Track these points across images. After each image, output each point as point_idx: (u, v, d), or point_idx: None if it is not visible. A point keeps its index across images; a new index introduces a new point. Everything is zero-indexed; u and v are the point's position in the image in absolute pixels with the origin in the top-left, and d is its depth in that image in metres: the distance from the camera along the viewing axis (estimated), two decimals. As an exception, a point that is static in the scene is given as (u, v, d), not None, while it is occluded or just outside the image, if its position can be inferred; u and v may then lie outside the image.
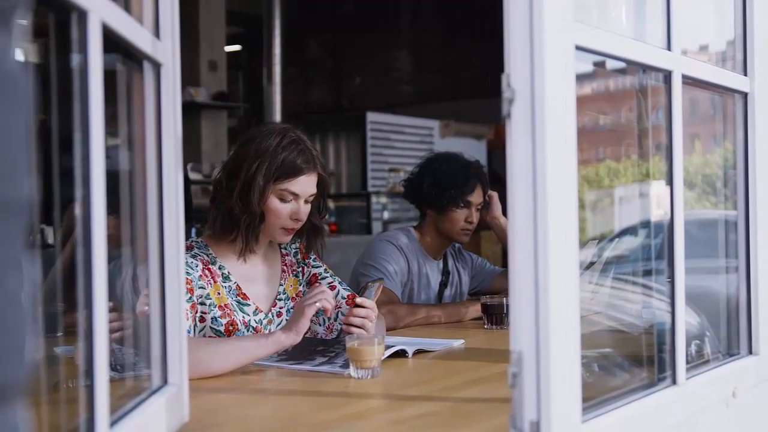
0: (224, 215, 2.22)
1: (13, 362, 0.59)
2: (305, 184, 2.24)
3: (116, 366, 1.39)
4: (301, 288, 2.40)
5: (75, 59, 1.02)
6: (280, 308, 2.34)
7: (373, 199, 7.64)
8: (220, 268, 2.24)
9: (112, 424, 1.09)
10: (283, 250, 2.43)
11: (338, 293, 2.37)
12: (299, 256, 2.44)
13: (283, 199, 2.21)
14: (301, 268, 2.43)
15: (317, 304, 2.03)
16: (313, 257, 2.46)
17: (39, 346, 0.64)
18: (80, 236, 1.01)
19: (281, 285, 2.37)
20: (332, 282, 2.42)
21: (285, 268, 2.40)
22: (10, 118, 0.59)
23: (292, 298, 2.37)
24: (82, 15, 1.00)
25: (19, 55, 0.62)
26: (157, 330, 1.37)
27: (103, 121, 1.03)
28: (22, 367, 0.60)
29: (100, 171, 1.02)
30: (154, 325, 1.37)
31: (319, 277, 2.43)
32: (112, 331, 1.60)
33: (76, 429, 1.02)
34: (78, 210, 1.02)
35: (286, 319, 2.31)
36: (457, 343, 2.38)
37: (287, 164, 2.19)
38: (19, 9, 0.61)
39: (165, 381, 1.37)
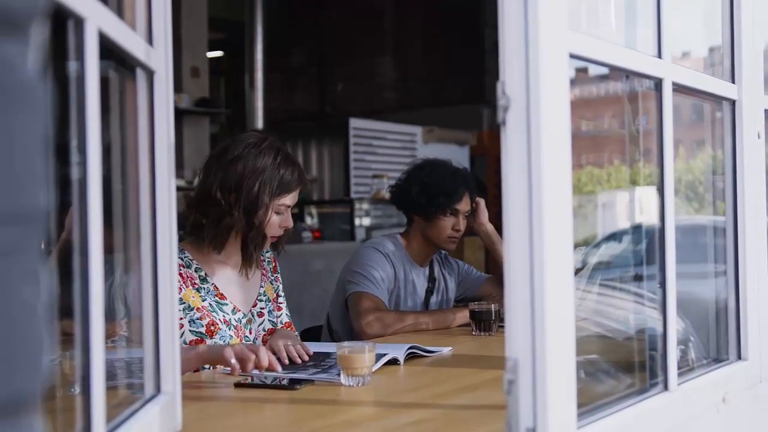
0: (225, 231, 2.27)
1: (31, 373, 0.58)
2: (296, 196, 2.35)
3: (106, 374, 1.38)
4: (275, 294, 2.50)
5: (71, 66, 1.02)
6: (261, 308, 2.42)
7: (357, 205, 7.62)
8: (196, 271, 2.30)
9: (108, 433, 1.08)
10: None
11: (262, 323, 2.44)
12: (271, 266, 2.53)
13: (278, 213, 2.31)
14: (275, 277, 2.53)
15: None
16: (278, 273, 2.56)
17: (53, 356, 0.64)
18: (77, 244, 1.00)
19: (261, 287, 2.45)
20: (282, 303, 2.52)
21: (264, 271, 2.48)
22: (27, 127, 0.58)
23: (272, 300, 2.47)
24: (79, 22, 0.99)
25: (36, 65, 0.61)
26: (150, 339, 1.36)
27: (99, 127, 1.03)
28: (39, 377, 0.59)
29: (97, 178, 1.02)
30: (147, 334, 1.36)
31: (279, 296, 2.53)
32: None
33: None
34: (75, 218, 1.01)
35: (268, 320, 2.42)
36: (446, 350, 2.38)
37: (286, 181, 2.29)
38: (37, 17, 0.61)
39: (158, 390, 1.37)
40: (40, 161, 0.60)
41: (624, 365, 1.75)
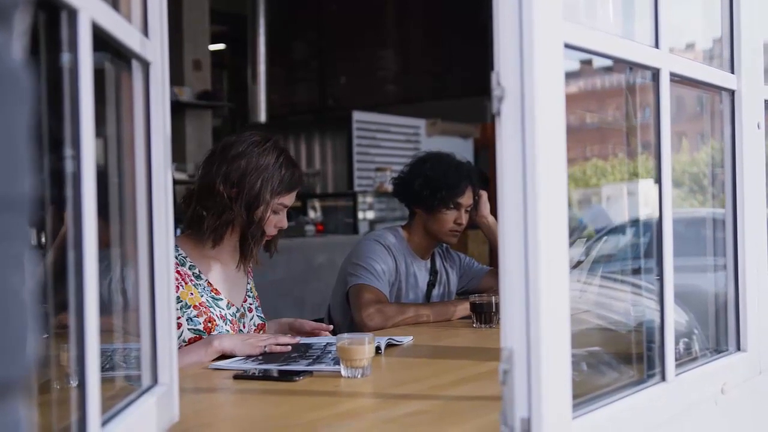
0: (224, 225, 2.30)
1: (15, 359, 0.59)
2: (294, 197, 2.40)
3: (104, 365, 1.38)
4: (256, 292, 2.55)
5: (64, 57, 1.02)
6: (250, 304, 2.47)
7: (360, 198, 7.62)
8: (190, 268, 2.33)
9: (104, 423, 1.08)
10: None
11: (252, 318, 2.47)
12: (251, 265, 2.55)
13: (275, 212, 2.34)
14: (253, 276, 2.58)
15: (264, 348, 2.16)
16: None
17: (40, 344, 0.64)
18: (70, 237, 1.01)
19: (248, 283, 2.50)
20: (258, 304, 2.54)
21: (250, 270, 2.52)
22: (12, 115, 0.59)
23: (256, 298, 2.52)
24: (72, 13, 0.99)
25: (20, 54, 0.62)
26: (147, 330, 1.37)
27: (93, 120, 1.03)
28: (24, 364, 0.60)
29: (91, 171, 1.02)
30: (144, 326, 1.37)
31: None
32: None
33: (67, 429, 1.01)
34: (68, 211, 1.01)
35: (257, 315, 2.47)
36: (407, 340, 2.39)
37: (287, 181, 2.33)
38: (20, 7, 0.61)
39: (155, 381, 1.37)
40: (25, 150, 0.61)
41: (624, 357, 1.75)
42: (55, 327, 1.32)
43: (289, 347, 2.17)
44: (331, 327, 2.51)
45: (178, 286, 2.24)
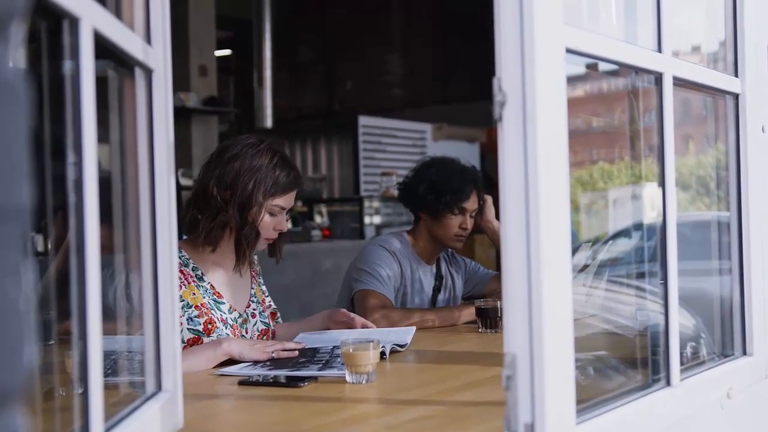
0: (219, 227, 2.30)
1: (12, 368, 0.59)
2: (292, 198, 2.38)
3: (108, 371, 1.39)
4: (263, 296, 2.54)
5: (66, 65, 1.02)
6: (254, 310, 2.47)
7: (366, 203, 7.62)
8: (193, 270, 2.33)
9: (107, 430, 1.08)
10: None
11: (255, 323, 2.47)
12: (258, 269, 2.58)
13: (272, 213, 2.34)
14: (261, 279, 2.58)
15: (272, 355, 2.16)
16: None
17: (37, 352, 0.65)
18: (73, 244, 1.01)
19: (252, 288, 2.49)
20: (267, 297, 2.56)
21: (254, 274, 2.53)
22: (9, 125, 0.59)
23: (260, 302, 2.51)
24: (74, 22, 1.00)
25: (17, 63, 0.62)
26: (150, 336, 1.37)
27: (95, 127, 1.03)
28: (21, 372, 0.60)
29: (93, 178, 1.02)
30: (147, 332, 1.37)
31: (265, 295, 2.58)
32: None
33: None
34: (71, 218, 1.01)
35: (260, 321, 2.47)
36: (410, 334, 2.40)
37: (281, 182, 2.33)
38: (17, 16, 0.61)
39: (159, 387, 1.37)
40: (23, 159, 0.61)
41: (629, 361, 1.75)
42: (60, 334, 1.32)
43: (296, 353, 2.17)
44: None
45: (180, 285, 2.24)
